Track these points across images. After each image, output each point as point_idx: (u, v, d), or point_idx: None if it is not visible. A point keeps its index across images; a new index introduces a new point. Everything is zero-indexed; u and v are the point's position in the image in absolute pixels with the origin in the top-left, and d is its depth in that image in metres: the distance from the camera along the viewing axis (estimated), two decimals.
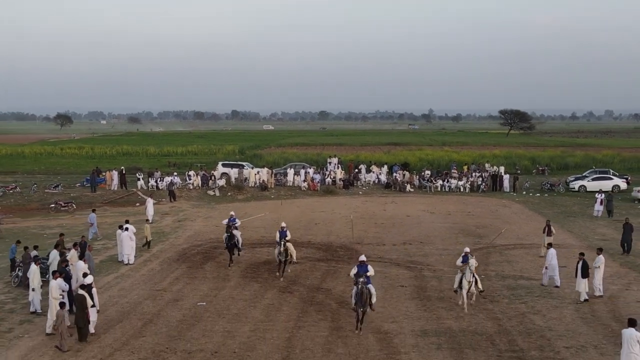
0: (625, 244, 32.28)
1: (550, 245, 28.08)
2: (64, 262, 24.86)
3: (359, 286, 20.90)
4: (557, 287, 26.39)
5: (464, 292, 23.02)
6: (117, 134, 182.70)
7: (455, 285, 23.58)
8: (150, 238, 34.29)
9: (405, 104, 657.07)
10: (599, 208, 43.69)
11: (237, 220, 31.10)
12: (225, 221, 31.07)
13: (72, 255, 25.94)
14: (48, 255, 26.87)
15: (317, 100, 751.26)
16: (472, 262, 23.06)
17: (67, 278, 23.25)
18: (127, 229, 31.11)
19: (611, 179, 57.39)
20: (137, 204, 49.87)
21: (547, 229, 31.89)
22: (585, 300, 24.36)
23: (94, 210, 38.79)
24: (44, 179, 66.37)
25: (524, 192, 57.31)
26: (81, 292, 21.28)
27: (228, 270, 29.67)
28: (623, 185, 56.54)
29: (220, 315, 23.12)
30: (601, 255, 25.47)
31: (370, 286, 21.37)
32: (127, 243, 30.82)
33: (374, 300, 21.51)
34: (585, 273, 24.28)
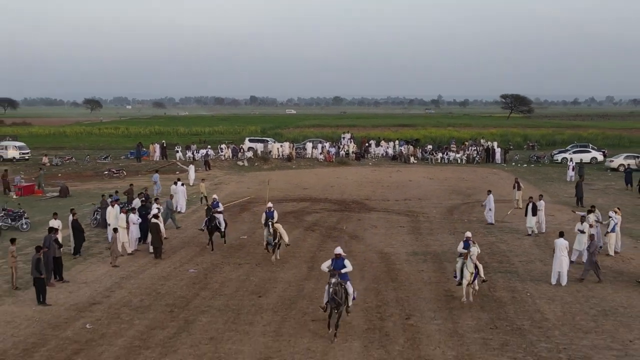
0: (577, 198, 37.81)
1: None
2: (143, 202, 30.97)
3: (331, 288, 16.94)
4: (490, 224, 32.94)
5: (465, 282, 20.18)
6: (145, 117, 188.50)
7: (458, 276, 20.61)
8: (205, 194, 39.99)
9: (416, 90, 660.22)
10: (571, 174, 49.27)
11: (219, 204, 29.61)
12: (208, 204, 30.51)
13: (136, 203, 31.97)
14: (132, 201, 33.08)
15: (331, 86, 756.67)
16: (474, 249, 20.16)
17: (144, 214, 29.04)
18: (182, 184, 37.13)
19: (589, 152, 62.91)
20: (177, 172, 55.73)
21: (516, 185, 37.57)
22: (534, 233, 30.06)
23: (157, 171, 44.88)
24: (91, 153, 72.49)
25: (513, 164, 62.87)
26: (154, 221, 27.20)
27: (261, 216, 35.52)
28: (600, 157, 61.98)
29: (259, 243, 28.93)
30: (542, 201, 31.22)
31: (347, 285, 17.64)
32: (181, 195, 36.74)
33: (350, 301, 17.75)
34: (534, 212, 30.06)
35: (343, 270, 17.76)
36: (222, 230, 28.56)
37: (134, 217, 28.06)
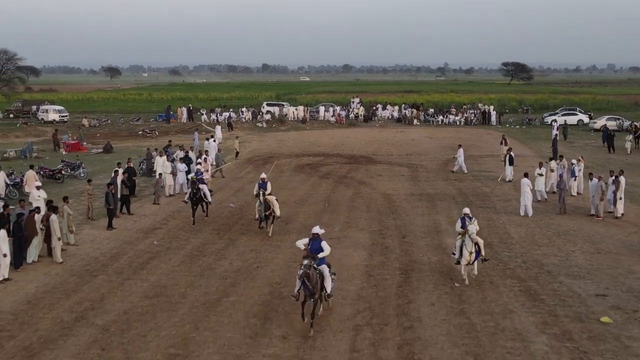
0: (552, 151, 41.96)
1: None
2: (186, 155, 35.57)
3: (301, 270, 14.75)
4: (452, 172, 37.84)
5: (464, 262, 18.22)
6: (163, 84, 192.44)
7: (457, 254, 18.63)
8: (238, 150, 44.47)
9: (423, 58, 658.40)
10: (555, 132, 53.40)
11: (203, 174, 28.86)
12: (190, 175, 28.51)
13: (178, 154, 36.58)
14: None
15: (341, 54, 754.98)
16: (473, 227, 18.03)
17: (189, 163, 33.71)
18: (214, 140, 41.75)
19: (576, 114, 67.06)
20: (203, 132, 60.30)
21: (503, 141, 41.97)
22: (510, 181, 34.45)
23: (197, 129, 49.62)
24: (123, 116, 77.15)
25: (507, 125, 67.08)
26: (180, 165, 31.97)
27: (283, 166, 40.28)
28: (586, 119, 66.10)
29: (281, 188, 33.51)
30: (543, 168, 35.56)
31: (323, 267, 15.52)
32: (212, 150, 41.29)
33: (328, 285, 15.51)
34: (511, 162, 34.57)
35: (320, 255, 15.49)
36: (208, 200, 27.16)
37: (181, 166, 32.73)
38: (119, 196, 27.34)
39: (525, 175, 27.70)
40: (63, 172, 36.70)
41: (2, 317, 16.34)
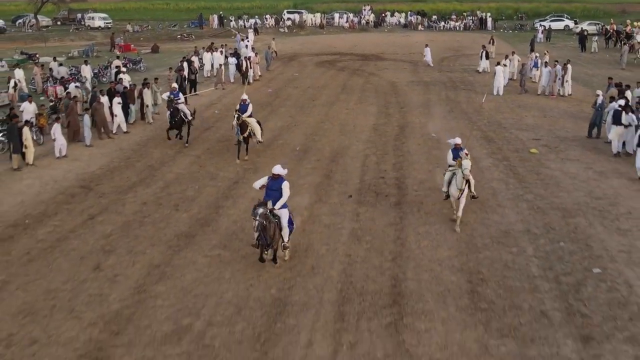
0: (530, 48, 47.56)
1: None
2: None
3: (256, 221, 12.71)
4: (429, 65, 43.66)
5: (453, 199, 16.19)
6: None
7: (444, 188, 16.47)
8: (275, 49, 50.26)
9: None
10: (540, 36, 58.97)
11: (180, 94, 25.42)
12: (165, 95, 25.14)
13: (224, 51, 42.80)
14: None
15: None
16: (466, 163, 15.56)
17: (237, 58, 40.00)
18: (248, 41, 47.78)
19: (563, 20, 71.94)
20: (233, 36, 65.99)
21: (491, 40, 47.81)
22: (486, 71, 40.48)
23: (239, 33, 55.58)
24: (159, 23, 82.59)
25: (501, 30, 72.20)
26: (231, 59, 38.38)
27: (306, 63, 46.51)
28: (572, 25, 71.02)
29: (306, 77, 39.80)
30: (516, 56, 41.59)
31: (281, 212, 13.52)
32: (243, 48, 47.34)
33: (285, 235, 13.66)
34: (487, 57, 40.68)
35: (278, 204, 13.41)
36: (189, 119, 24.31)
37: (232, 60, 39.04)
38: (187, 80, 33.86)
39: (498, 64, 34.06)
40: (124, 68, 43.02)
41: (129, 150, 23.39)
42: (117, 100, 25.69)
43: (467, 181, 15.80)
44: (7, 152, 21.90)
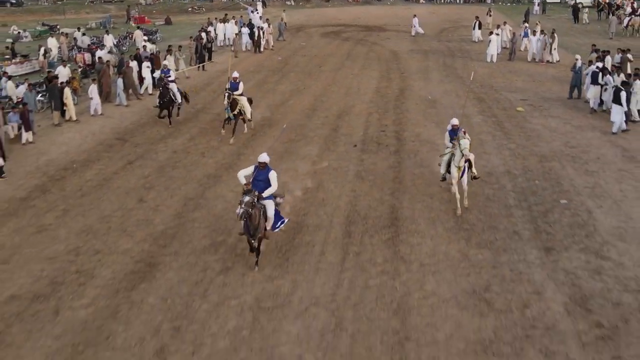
0: (524, 19, 49.31)
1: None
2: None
3: (242, 209, 12.05)
4: (412, 35, 45.87)
5: (454, 181, 15.33)
6: None
7: (442, 170, 15.92)
8: (286, 21, 51.95)
9: None
10: (536, 8, 60.60)
11: (170, 72, 24.75)
12: (156, 73, 25.65)
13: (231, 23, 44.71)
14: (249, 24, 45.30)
15: None
16: (465, 142, 14.96)
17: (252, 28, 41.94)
18: (258, 13, 49.62)
19: None
20: (241, 9, 67.75)
21: (488, 12, 49.61)
22: (480, 40, 42.34)
23: (250, 5, 57.35)
24: None
25: (500, 3, 73.76)
26: (244, 29, 40.32)
27: (312, 34, 48.44)
28: None
29: (313, 47, 41.77)
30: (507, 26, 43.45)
31: (267, 203, 12.84)
32: (254, 18, 49.27)
33: (269, 224, 12.91)
34: (480, 27, 42.55)
35: (265, 193, 12.78)
36: (179, 101, 23.66)
37: (245, 30, 40.99)
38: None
39: (491, 33, 36.06)
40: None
41: (156, 109, 25.63)
42: (146, 64, 27.87)
43: (468, 161, 15.23)
44: (48, 110, 24.20)
